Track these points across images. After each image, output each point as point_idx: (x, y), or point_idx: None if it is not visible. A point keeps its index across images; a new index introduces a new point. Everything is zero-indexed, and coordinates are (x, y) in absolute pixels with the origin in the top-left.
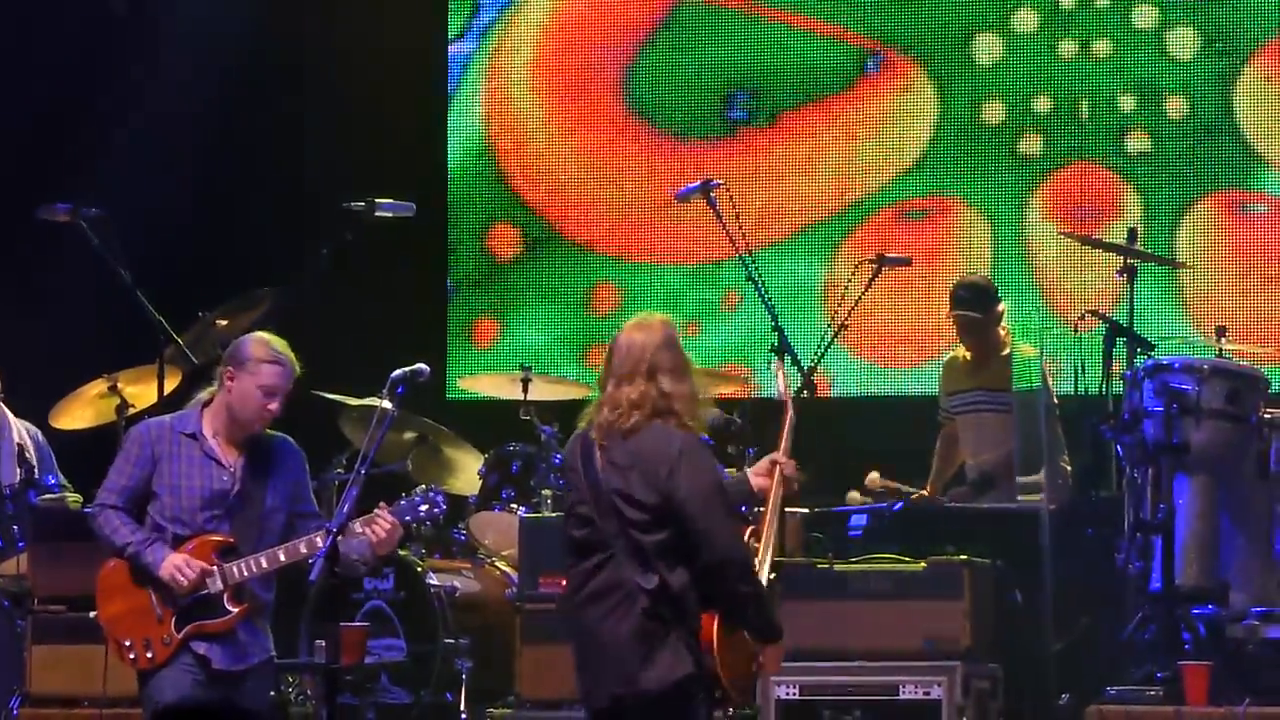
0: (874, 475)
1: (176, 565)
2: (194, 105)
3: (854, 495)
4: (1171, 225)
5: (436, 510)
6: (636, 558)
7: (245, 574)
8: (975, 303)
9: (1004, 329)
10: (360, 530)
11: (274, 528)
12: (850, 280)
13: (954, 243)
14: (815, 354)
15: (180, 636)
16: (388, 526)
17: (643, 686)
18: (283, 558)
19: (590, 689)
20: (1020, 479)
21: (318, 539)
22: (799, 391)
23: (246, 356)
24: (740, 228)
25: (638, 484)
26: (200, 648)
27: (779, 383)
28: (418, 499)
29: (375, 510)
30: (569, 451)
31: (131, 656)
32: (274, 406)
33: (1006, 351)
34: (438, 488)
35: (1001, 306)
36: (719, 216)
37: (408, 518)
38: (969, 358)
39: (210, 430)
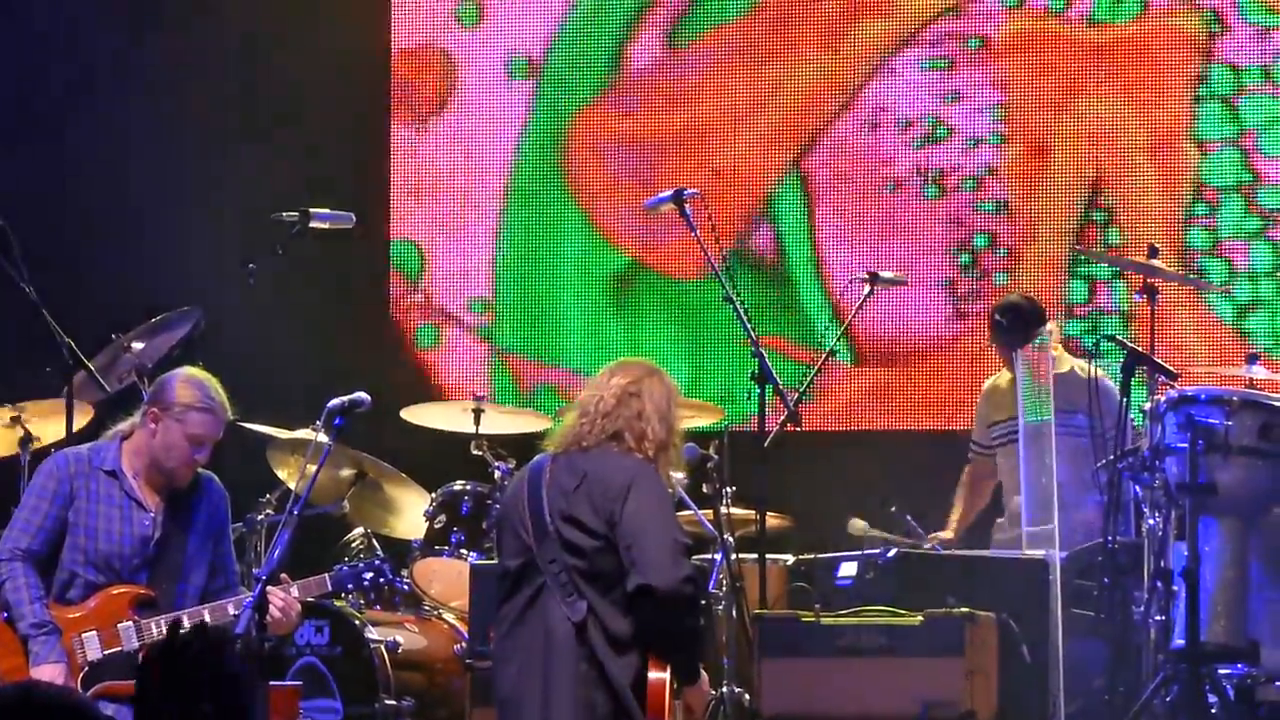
0: (857, 522)
1: (50, 677)
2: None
3: (858, 523)
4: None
5: (383, 580)
6: (570, 588)
7: (163, 632)
8: (1016, 329)
9: (1056, 348)
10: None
11: (197, 578)
12: (840, 299)
13: None
14: (801, 383)
15: (87, 697)
16: (280, 604)
17: None
18: (207, 617)
19: None
20: (1029, 525)
21: (245, 596)
22: (783, 424)
23: (173, 400)
24: (717, 240)
25: (585, 506)
26: (109, 709)
27: None
28: (362, 567)
29: (279, 582)
30: (515, 477)
31: None
32: (202, 457)
33: (1064, 370)
34: (384, 557)
35: (1050, 327)
36: (693, 229)
37: (350, 586)
38: (1007, 384)
39: (130, 469)
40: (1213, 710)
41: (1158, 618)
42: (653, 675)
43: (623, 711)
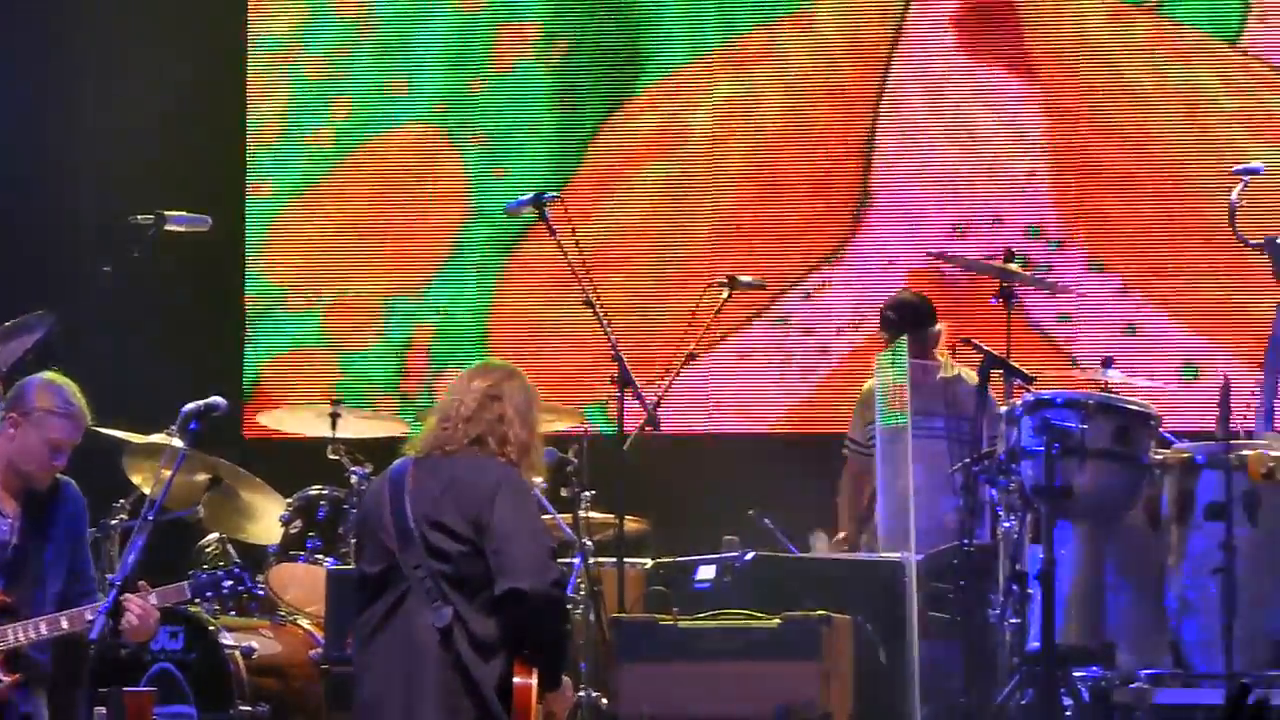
0: (822, 535)
1: None
2: None
3: (822, 537)
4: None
5: (241, 588)
6: (434, 593)
7: (21, 639)
8: (905, 324)
9: (943, 352)
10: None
11: (55, 584)
12: (699, 304)
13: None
14: (661, 386)
15: None
16: (139, 611)
17: None
18: (65, 624)
19: None
20: (886, 528)
21: (102, 602)
22: (642, 427)
23: (32, 405)
24: (578, 245)
25: (451, 510)
26: None
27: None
28: (221, 574)
29: (137, 589)
30: (375, 482)
31: None
32: (60, 462)
33: (951, 375)
34: (241, 564)
35: (939, 327)
36: (553, 233)
37: (208, 594)
38: None
39: None
40: (1067, 713)
41: (1013, 620)
42: (518, 680)
43: (489, 717)
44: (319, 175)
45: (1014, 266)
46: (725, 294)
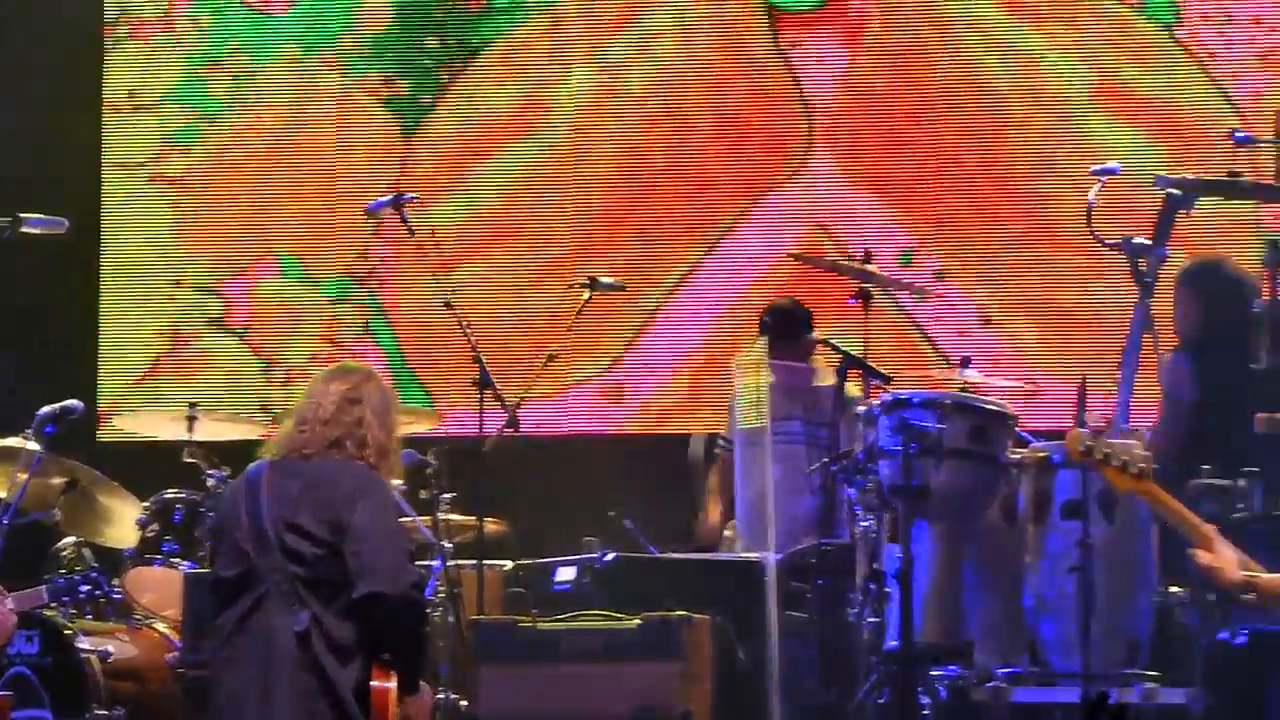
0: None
1: None
2: None
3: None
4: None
5: (99, 592)
6: (291, 597)
7: None
8: (781, 330)
9: (819, 360)
10: None
11: None
12: (560, 305)
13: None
14: (523, 388)
15: None
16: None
17: None
18: None
19: None
20: (745, 528)
21: None
22: (502, 429)
23: None
24: (436, 244)
25: (308, 513)
26: None
27: None
28: (78, 579)
29: None
30: (232, 485)
31: None
32: None
33: (827, 382)
34: (98, 568)
35: (815, 334)
36: (412, 233)
37: (66, 598)
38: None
39: None
40: (925, 711)
41: (871, 619)
42: (376, 684)
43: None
44: (176, 176)
45: (872, 267)
46: (586, 295)
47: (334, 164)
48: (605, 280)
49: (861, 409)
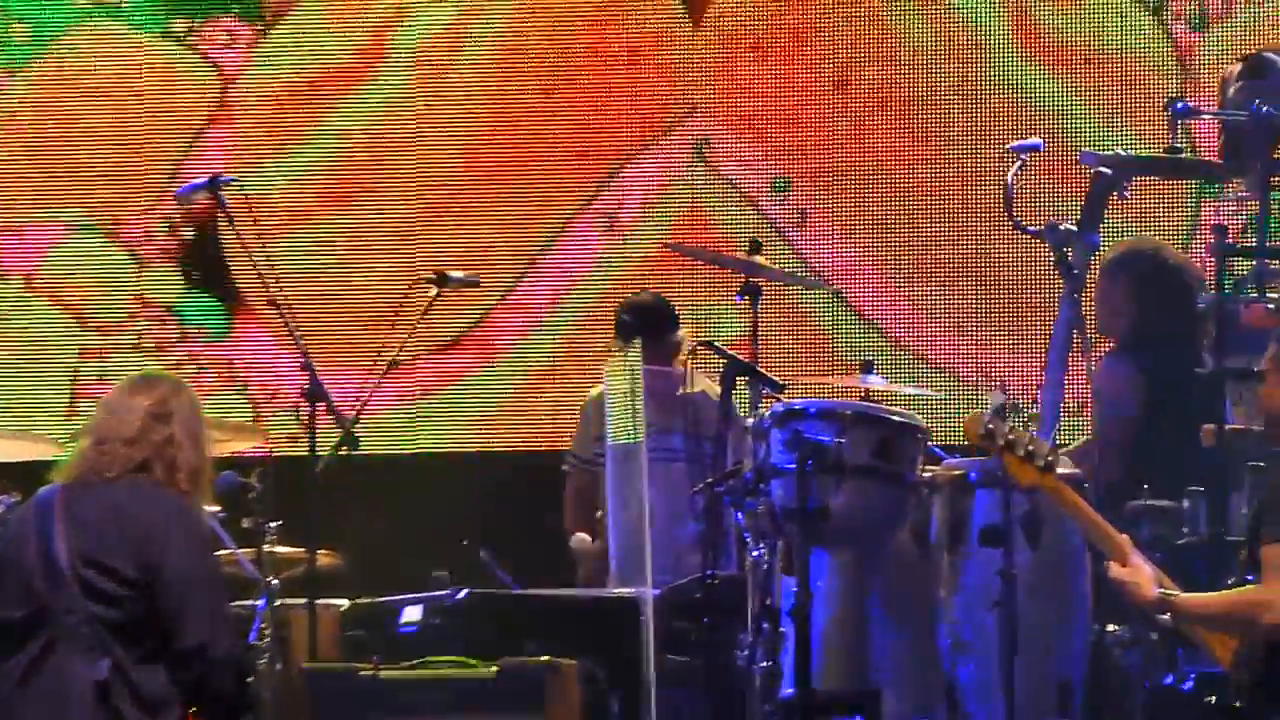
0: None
1: None
2: None
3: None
4: None
5: None
6: (91, 641)
7: None
8: (644, 329)
9: (684, 362)
10: None
11: None
12: (403, 304)
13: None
14: (359, 398)
15: None
16: None
17: None
18: None
19: None
20: (618, 559)
21: None
22: (337, 447)
23: None
24: (259, 236)
25: (112, 547)
26: None
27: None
28: None
29: None
30: (18, 513)
31: None
32: None
33: (693, 390)
34: None
35: (681, 334)
36: (231, 221)
37: None
38: None
39: None
40: None
41: (763, 664)
42: None
43: None
44: None
45: (761, 259)
46: (434, 292)
47: (141, 129)
48: (456, 275)
49: (750, 421)
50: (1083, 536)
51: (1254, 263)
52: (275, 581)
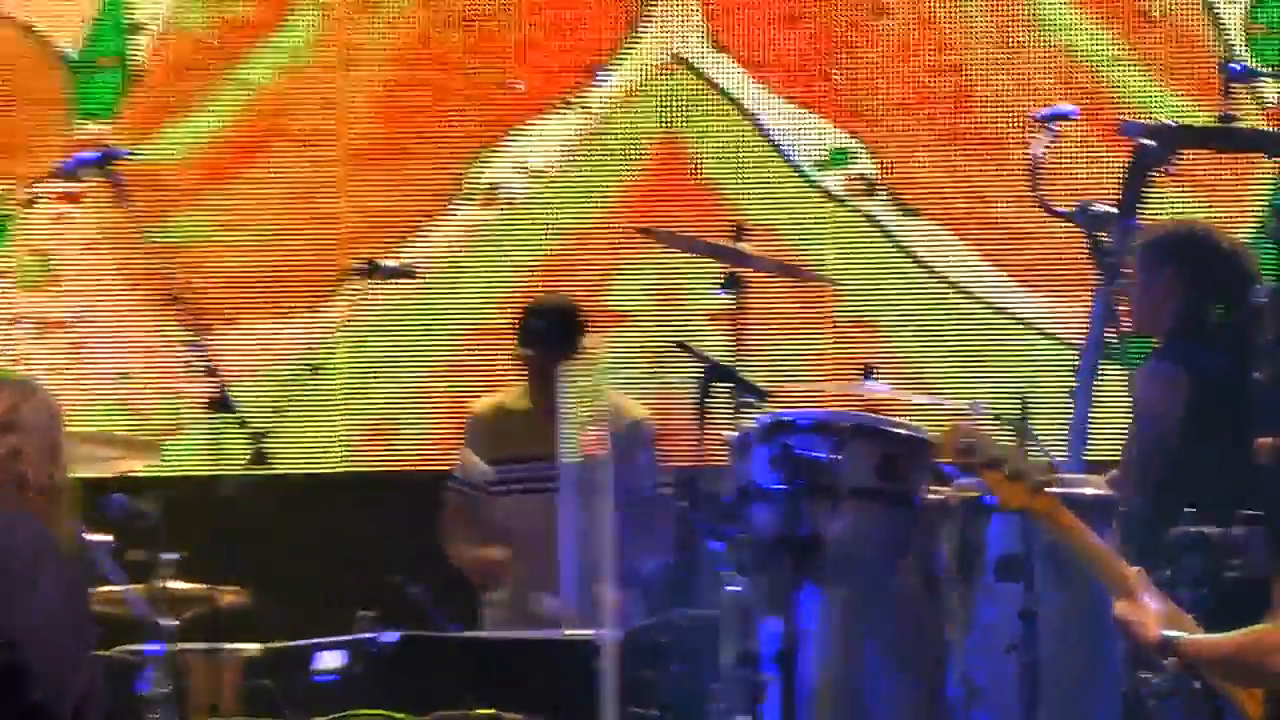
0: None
1: None
2: None
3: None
4: None
5: None
6: None
7: None
8: (555, 334)
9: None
10: None
11: None
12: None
13: None
14: (274, 410)
15: None
16: None
17: None
18: None
19: None
20: (573, 596)
21: None
22: (247, 465)
23: None
24: (161, 214)
25: None
26: None
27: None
28: None
29: None
30: None
31: None
32: None
33: (631, 417)
34: None
35: (589, 340)
36: (125, 200)
37: None
38: (533, 409)
39: None
40: None
41: (742, 717)
42: None
43: None
44: None
45: (745, 247)
46: (364, 283)
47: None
48: (389, 264)
49: (732, 435)
50: (1086, 569)
51: None
52: (172, 623)
